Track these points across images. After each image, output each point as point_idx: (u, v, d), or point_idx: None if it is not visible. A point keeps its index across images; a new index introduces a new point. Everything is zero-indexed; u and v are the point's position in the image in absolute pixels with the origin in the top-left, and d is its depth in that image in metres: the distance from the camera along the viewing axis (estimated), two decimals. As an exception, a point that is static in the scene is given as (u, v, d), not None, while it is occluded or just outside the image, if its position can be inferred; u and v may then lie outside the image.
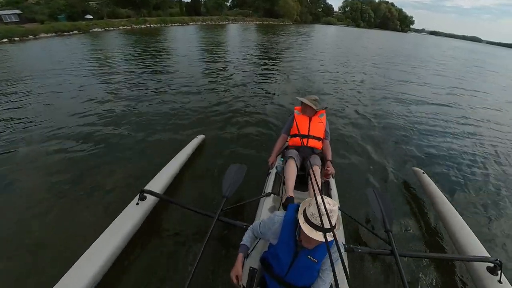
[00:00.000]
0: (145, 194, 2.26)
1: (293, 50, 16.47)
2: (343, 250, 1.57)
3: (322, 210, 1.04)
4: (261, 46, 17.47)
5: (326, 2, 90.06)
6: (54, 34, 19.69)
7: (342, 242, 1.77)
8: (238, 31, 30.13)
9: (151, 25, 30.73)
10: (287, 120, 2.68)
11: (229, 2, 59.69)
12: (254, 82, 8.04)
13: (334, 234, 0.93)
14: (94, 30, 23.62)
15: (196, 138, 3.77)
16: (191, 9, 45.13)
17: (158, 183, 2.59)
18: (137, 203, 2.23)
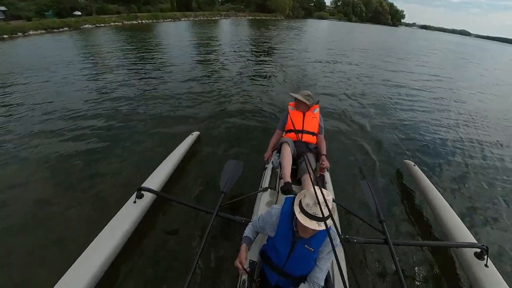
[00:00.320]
0: (142, 192, 2.27)
1: (285, 44, 16.45)
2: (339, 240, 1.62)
3: (320, 198, 1.07)
4: (253, 41, 17.38)
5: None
6: (44, 31, 19.06)
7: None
8: (231, 27, 29.80)
9: (143, 21, 30.09)
10: (282, 115, 2.72)
11: (221, -4, 58.87)
12: (248, 77, 8.02)
13: (333, 220, 0.95)
14: (85, 26, 22.94)
15: (191, 135, 3.77)
16: (182, 4, 44.26)
17: (154, 181, 2.59)
18: (134, 201, 2.23)
